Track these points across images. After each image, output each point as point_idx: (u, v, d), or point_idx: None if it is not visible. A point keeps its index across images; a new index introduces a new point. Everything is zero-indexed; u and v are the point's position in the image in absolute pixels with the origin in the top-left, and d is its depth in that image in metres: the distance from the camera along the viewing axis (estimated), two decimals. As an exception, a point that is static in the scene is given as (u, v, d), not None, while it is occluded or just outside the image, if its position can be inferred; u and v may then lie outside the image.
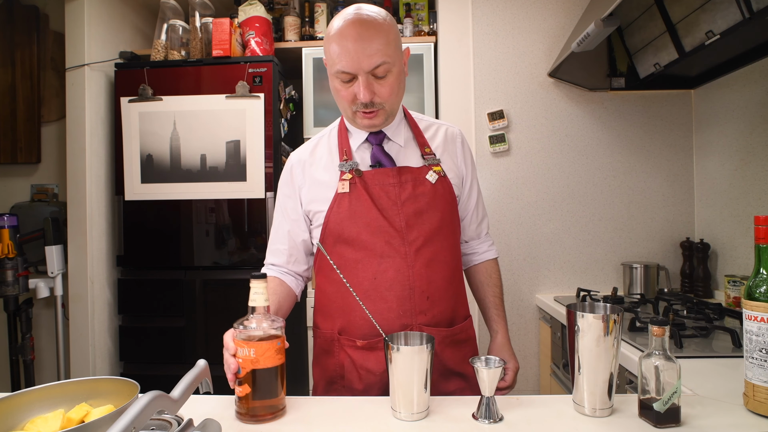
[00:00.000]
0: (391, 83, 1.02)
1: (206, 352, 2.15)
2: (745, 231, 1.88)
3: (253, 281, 0.87)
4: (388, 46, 0.99)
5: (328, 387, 1.11)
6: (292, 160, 1.17)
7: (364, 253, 1.05)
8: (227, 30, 2.24)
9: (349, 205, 1.06)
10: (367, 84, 0.99)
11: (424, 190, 1.08)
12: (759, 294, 0.81)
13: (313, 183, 1.13)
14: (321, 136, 1.19)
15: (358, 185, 1.06)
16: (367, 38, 0.97)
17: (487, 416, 0.83)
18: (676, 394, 0.78)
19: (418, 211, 1.06)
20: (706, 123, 2.14)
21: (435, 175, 1.09)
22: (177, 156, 2.20)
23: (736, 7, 1.40)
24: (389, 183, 1.07)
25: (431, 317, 1.06)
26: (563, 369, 1.91)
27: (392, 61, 1.00)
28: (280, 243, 1.18)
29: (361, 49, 0.97)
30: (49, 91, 2.58)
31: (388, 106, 1.05)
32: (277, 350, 0.86)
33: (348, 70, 0.98)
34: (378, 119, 1.05)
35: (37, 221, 2.36)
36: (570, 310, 0.86)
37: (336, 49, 0.99)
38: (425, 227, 1.06)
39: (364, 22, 0.98)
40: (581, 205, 2.28)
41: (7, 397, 0.76)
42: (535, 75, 2.29)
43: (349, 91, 1.02)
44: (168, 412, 0.67)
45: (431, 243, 1.07)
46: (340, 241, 1.07)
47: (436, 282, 1.06)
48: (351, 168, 1.08)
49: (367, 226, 1.05)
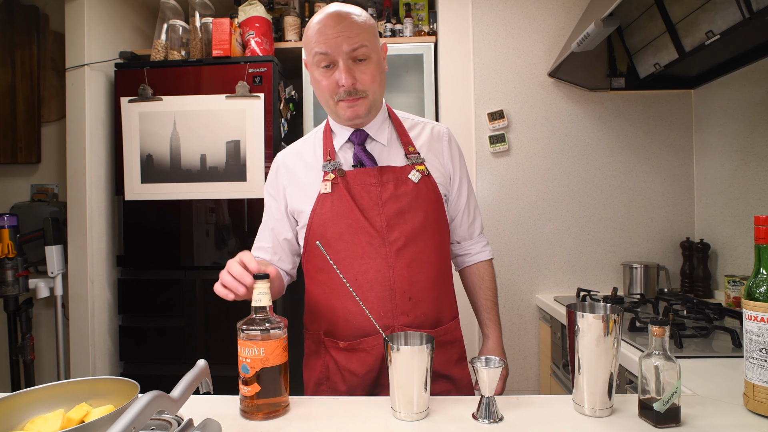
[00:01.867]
0: (372, 70, 1.02)
1: (206, 352, 2.14)
2: (745, 231, 1.88)
3: (257, 281, 0.87)
4: (367, 33, 1.00)
5: (315, 388, 1.12)
6: (278, 161, 1.18)
7: (346, 254, 1.04)
8: (227, 30, 2.24)
9: (331, 205, 1.06)
10: (347, 68, 1.00)
11: (406, 189, 1.06)
12: (759, 294, 0.81)
13: (297, 184, 1.13)
14: (307, 138, 1.19)
15: (340, 185, 1.06)
16: (345, 23, 0.99)
17: (488, 416, 0.83)
18: (676, 394, 0.78)
19: (399, 211, 1.05)
20: (706, 123, 2.14)
21: (418, 175, 1.08)
22: (177, 156, 2.20)
23: (736, 7, 1.40)
24: (371, 183, 1.06)
25: (413, 318, 1.05)
26: (563, 369, 1.91)
27: (372, 46, 1.01)
28: (264, 241, 1.19)
29: (339, 32, 0.98)
30: (49, 91, 2.58)
31: (370, 95, 1.04)
32: (283, 348, 0.88)
33: (327, 51, 0.99)
34: (361, 108, 1.04)
35: (37, 221, 2.36)
36: (570, 310, 0.86)
37: (314, 36, 1.00)
38: (407, 227, 1.05)
39: (343, 13, 1.00)
40: (581, 205, 2.28)
41: (7, 397, 0.76)
42: (535, 75, 2.29)
43: (331, 80, 1.02)
44: (168, 412, 0.67)
45: (413, 243, 1.05)
46: (322, 242, 1.07)
47: (418, 282, 1.05)
48: (334, 168, 1.07)
49: (349, 227, 1.04)
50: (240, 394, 0.88)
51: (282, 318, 0.89)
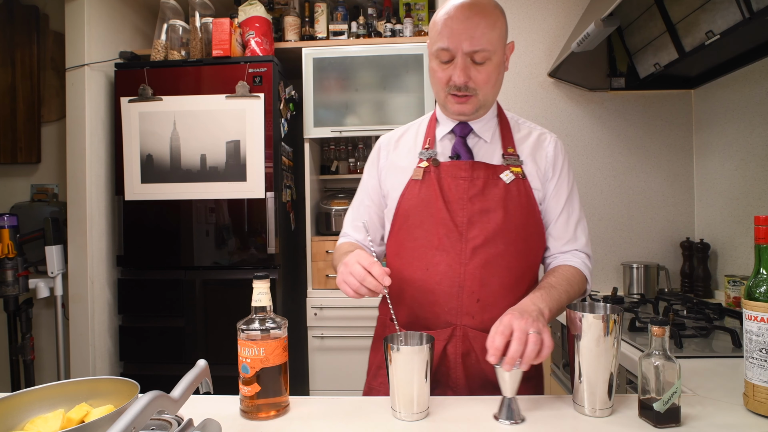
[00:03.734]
0: (489, 71, 1.00)
1: (206, 352, 2.15)
2: (745, 231, 1.88)
3: (256, 281, 0.88)
4: (492, 33, 0.98)
5: (376, 371, 1.11)
6: (381, 143, 1.19)
7: (422, 242, 1.04)
8: (227, 30, 2.24)
9: (418, 192, 1.06)
10: (464, 66, 0.98)
11: (496, 188, 1.03)
12: (759, 294, 0.81)
13: (392, 167, 1.13)
14: (412, 124, 1.19)
15: (431, 174, 1.05)
16: (472, 21, 0.97)
17: (509, 417, 0.82)
18: (676, 394, 0.78)
19: (484, 209, 1.02)
20: (706, 123, 2.14)
21: (511, 176, 1.04)
22: (177, 156, 2.20)
23: (736, 7, 1.40)
24: (460, 176, 1.04)
25: (480, 322, 1.00)
26: (563, 369, 1.91)
27: (493, 49, 0.99)
28: (358, 219, 1.18)
29: (464, 29, 0.96)
30: (49, 91, 2.58)
31: (481, 95, 1.02)
32: (284, 348, 0.88)
33: (448, 46, 0.98)
34: (469, 106, 1.03)
35: (37, 221, 2.36)
36: (570, 310, 0.86)
37: (440, 28, 0.99)
38: (489, 227, 1.01)
39: (474, 6, 0.98)
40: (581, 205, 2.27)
41: (7, 397, 0.76)
42: (535, 75, 2.29)
43: (446, 72, 1.01)
44: (168, 412, 0.67)
45: (492, 244, 1.01)
46: (404, 227, 1.07)
47: (491, 286, 1.01)
48: (429, 156, 1.07)
49: (431, 216, 1.04)
50: (240, 394, 0.88)
51: (282, 318, 0.90)
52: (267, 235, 2.18)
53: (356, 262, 0.91)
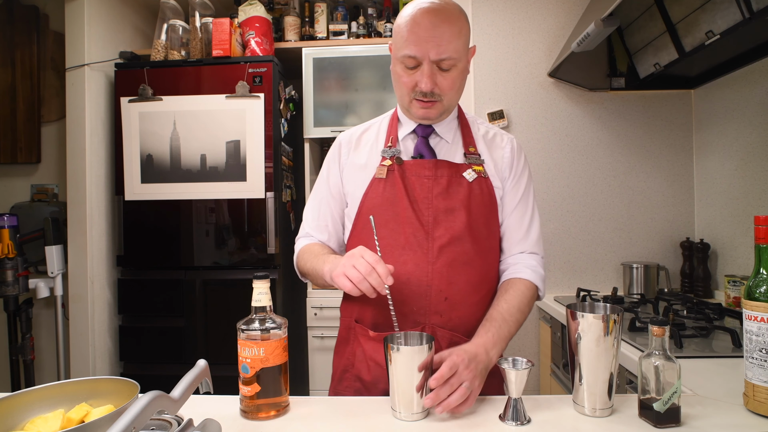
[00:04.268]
0: (454, 77, 1.01)
1: (206, 352, 2.14)
2: (745, 231, 1.88)
3: (256, 281, 0.88)
4: (458, 41, 0.98)
5: (341, 375, 1.11)
6: (341, 139, 1.18)
7: (388, 242, 1.03)
8: (227, 30, 2.24)
9: (383, 191, 1.06)
10: (430, 73, 0.98)
11: (459, 187, 1.04)
12: (759, 294, 0.81)
13: (353, 166, 1.13)
14: (373, 122, 1.19)
15: (395, 173, 1.06)
16: (439, 29, 0.96)
17: (515, 418, 0.82)
18: (676, 394, 0.78)
19: (449, 208, 1.03)
20: (706, 123, 2.14)
21: (474, 174, 1.06)
22: (177, 156, 2.20)
23: (736, 7, 1.40)
24: (424, 175, 1.05)
25: (447, 320, 1.01)
26: (563, 369, 1.91)
27: (458, 57, 0.99)
28: (321, 219, 1.17)
29: (431, 37, 0.96)
30: (49, 91, 2.58)
31: (446, 101, 1.03)
32: (284, 348, 0.88)
33: (415, 54, 0.98)
34: (434, 111, 1.04)
35: (37, 221, 2.36)
36: (570, 310, 0.86)
37: (405, 35, 0.98)
38: (455, 225, 1.03)
39: (439, 12, 0.98)
40: (581, 205, 2.28)
41: (7, 397, 0.76)
42: (535, 75, 2.29)
43: (411, 78, 1.01)
44: (168, 412, 0.67)
45: (458, 243, 1.02)
46: (368, 226, 1.05)
47: (457, 284, 1.02)
48: (393, 155, 1.07)
49: (396, 216, 1.04)
50: (240, 394, 0.88)
51: (282, 318, 0.90)
52: (267, 235, 2.18)
53: (361, 256, 0.90)
